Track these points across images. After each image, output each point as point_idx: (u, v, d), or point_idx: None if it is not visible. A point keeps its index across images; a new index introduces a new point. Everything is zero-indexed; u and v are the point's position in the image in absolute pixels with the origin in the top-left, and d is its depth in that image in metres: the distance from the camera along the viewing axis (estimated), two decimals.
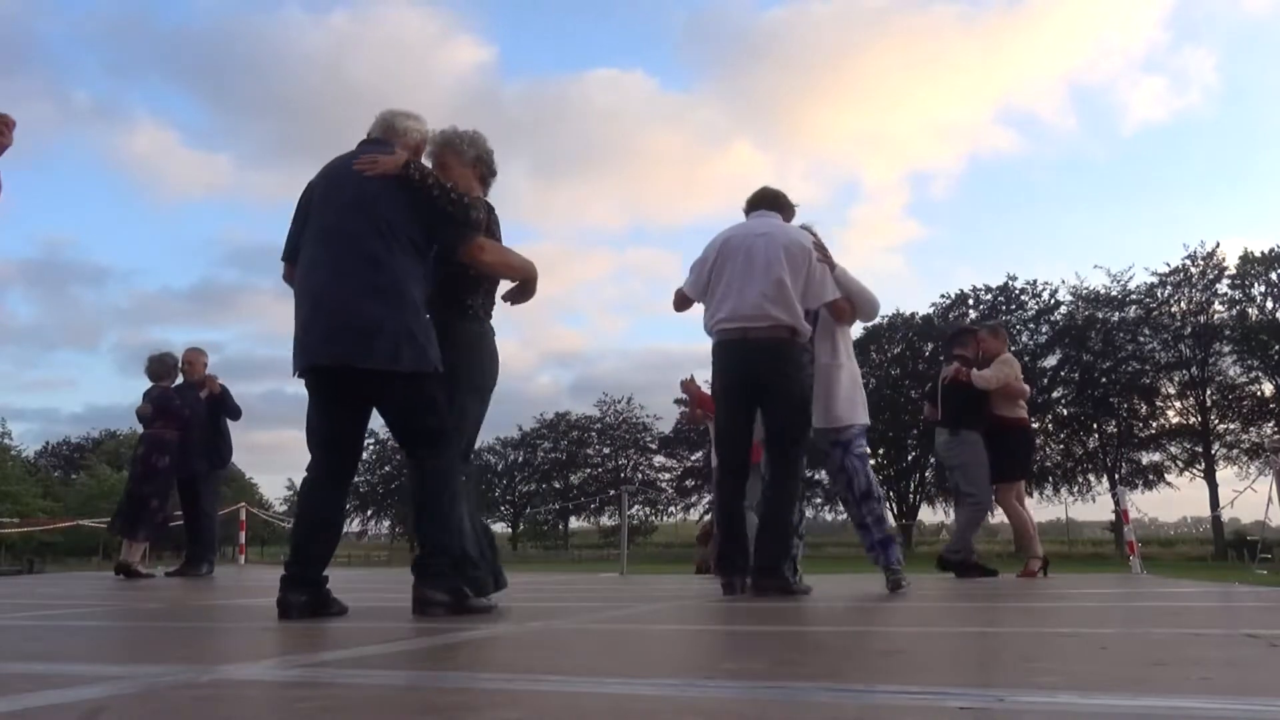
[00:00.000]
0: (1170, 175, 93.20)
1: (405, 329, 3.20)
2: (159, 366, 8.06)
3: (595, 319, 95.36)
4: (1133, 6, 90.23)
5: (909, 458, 43.23)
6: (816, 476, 45.90)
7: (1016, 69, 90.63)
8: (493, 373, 3.71)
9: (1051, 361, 40.09)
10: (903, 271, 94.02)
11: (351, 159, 3.40)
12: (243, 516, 14.62)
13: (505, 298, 3.73)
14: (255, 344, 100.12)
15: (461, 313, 3.60)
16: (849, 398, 4.83)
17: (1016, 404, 7.20)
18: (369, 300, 3.18)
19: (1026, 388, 7.43)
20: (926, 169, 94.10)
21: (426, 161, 3.58)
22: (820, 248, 4.70)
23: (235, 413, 8.48)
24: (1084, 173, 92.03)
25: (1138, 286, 38.54)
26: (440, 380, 3.33)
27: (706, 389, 6.89)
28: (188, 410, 7.96)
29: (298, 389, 3.63)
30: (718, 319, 4.60)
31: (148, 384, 8.05)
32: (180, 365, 8.22)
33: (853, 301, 4.82)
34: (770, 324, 4.49)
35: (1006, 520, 7.42)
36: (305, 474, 3.39)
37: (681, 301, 4.84)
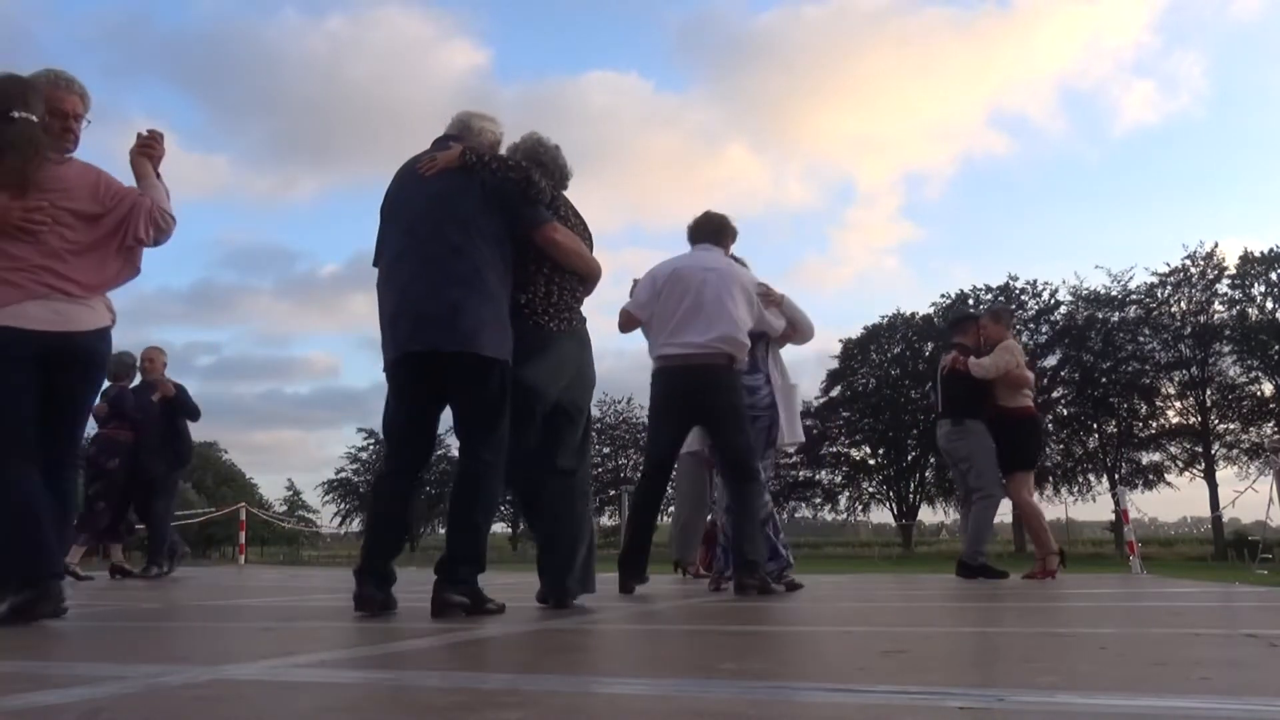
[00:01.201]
0: (1162, 177, 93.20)
1: (483, 315, 3.30)
2: (116, 366, 7.87)
3: (592, 319, 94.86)
4: (1123, 11, 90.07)
5: (909, 458, 43.20)
6: (816, 476, 46.03)
7: (1008, 72, 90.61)
8: (545, 368, 3.59)
9: (1051, 361, 40.03)
10: (899, 272, 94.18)
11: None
12: (243, 516, 14.64)
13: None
14: (254, 345, 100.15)
15: (516, 311, 3.54)
16: (798, 420, 5.35)
17: (1020, 392, 6.81)
18: (450, 287, 3.29)
19: (1030, 375, 7.01)
20: (920, 171, 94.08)
21: None
22: (764, 288, 5.14)
23: (194, 413, 8.28)
24: (1076, 175, 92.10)
25: (1138, 287, 38.56)
26: (509, 373, 3.40)
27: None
28: (139, 413, 7.83)
29: (296, 389, 3.73)
30: (664, 345, 4.83)
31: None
32: (139, 364, 8.11)
33: (795, 327, 5.31)
34: (711, 351, 4.75)
35: (1014, 515, 7.27)
36: (379, 467, 3.57)
37: (628, 322, 5.05)
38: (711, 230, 5.12)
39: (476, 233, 3.37)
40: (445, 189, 3.40)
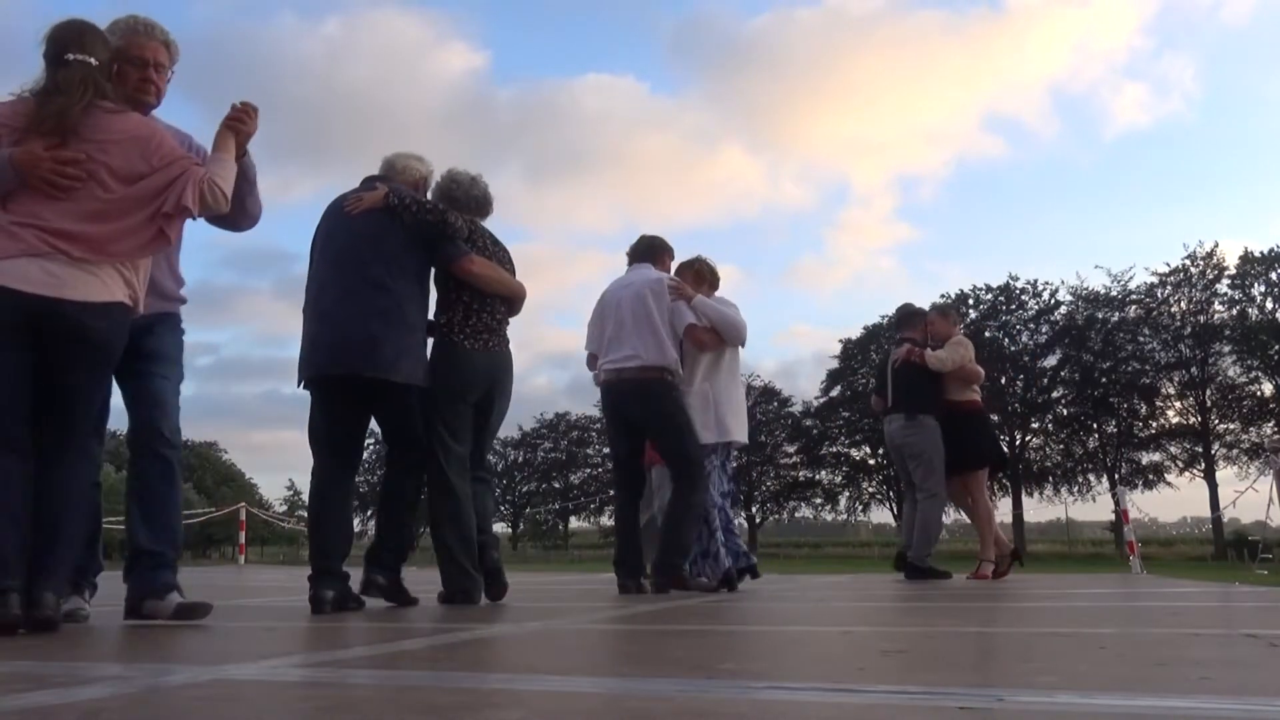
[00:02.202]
0: (1155, 180, 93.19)
1: (403, 345, 3.64)
2: None
3: (588, 320, 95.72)
4: (1113, 14, 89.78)
5: None
6: (816, 476, 46.01)
7: (1001, 75, 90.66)
8: (459, 379, 3.95)
9: (1051, 361, 40.06)
10: (896, 272, 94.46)
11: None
12: (242, 516, 14.65)
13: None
14: (252, 345, 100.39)
15: (437, 329, 4.00)
16: (697, 421, 5.14)
17: (969, 387, 6.73)
18: (373, 319, 3.59)
19: (981, 370, 6.94)
20: (914, 173, 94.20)
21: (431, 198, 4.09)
22: (674, 283, 5.12)
23: None
24: (1069, 177, 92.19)
25: (1138, 286, 38.57)
26: (423, 394, 3.80)
27: None
28: None
29: (295, 389, 3.83)
30: (602, 364, 5.11)
31: None
32: None
33: (715, 328, 5.17)
34: (639, 365, 4.93)
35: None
36: (312, 476, 3.75)
37: (591, 360, 5.30)
38: (642, 250, 5.35)
39: (399, 269, 3.69)
40: (370, 228, 3.71)
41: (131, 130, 2.82)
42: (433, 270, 3.93)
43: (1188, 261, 37.41)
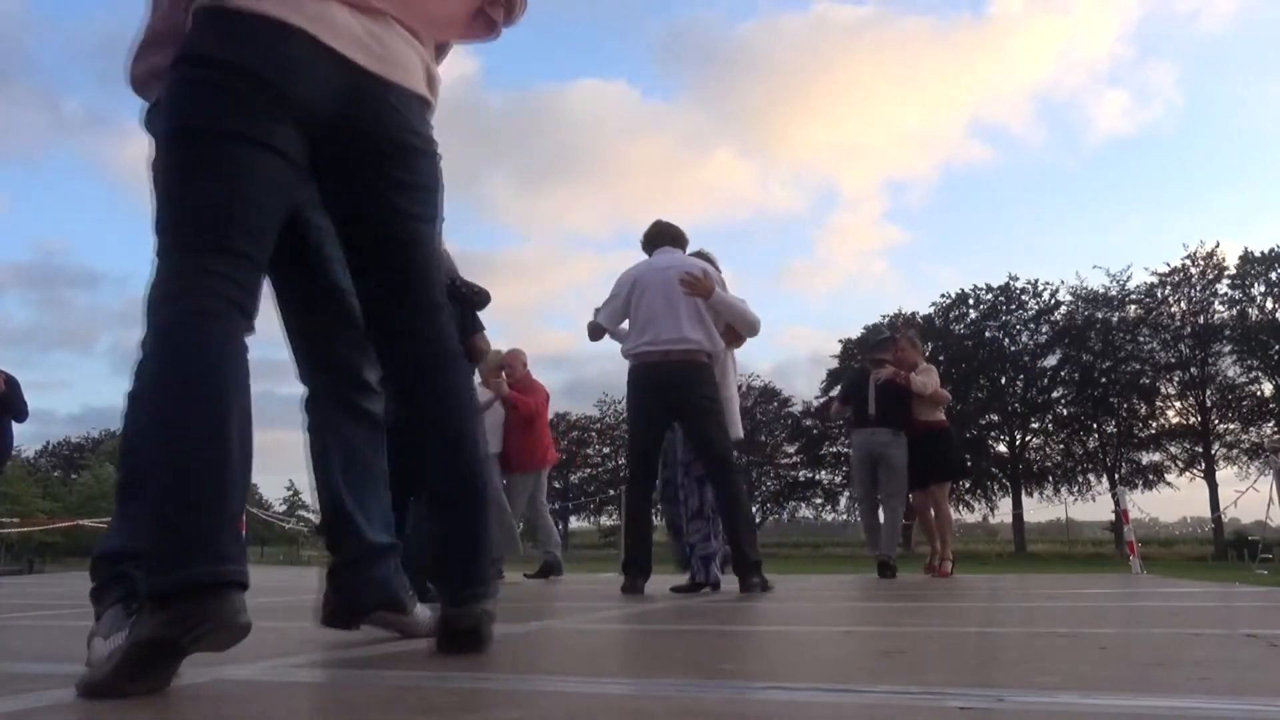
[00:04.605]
0: (1140, 185, 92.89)
1: None
2: None
3: (583, 322, 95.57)
4: (1095, 22, 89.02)
5: None
6: (816, 476, 46.00)
7: (987, 82, 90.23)
8: None
9: (1051, 361, 40.08)
10: (889, 274, 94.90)
11: None
12: (242, 517, 14.64)
13: None
14: (249, 346, 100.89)
15: None
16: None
17: (937, 409, 7.58)
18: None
19: (948, 395, 7.93)
20: (902, 177, 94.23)
21: None
22: (690, 279, 4.93)
23: (21, 413, 7.70)
24: (1055, 182, 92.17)
25: (1137, 286, 38.60)
26: None
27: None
28: None
29: (291, 390, 3.87)
30: (640, 344, 4.98)
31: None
32: None
33: (734, 323, 5.13)
34: (688, 348, 4.90)
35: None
36: None
37: (595, 331, 5.23)
38: (671, 236, 5.29)
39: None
40: None
41: None
42: None
43: (1187, 261, 37.47)
